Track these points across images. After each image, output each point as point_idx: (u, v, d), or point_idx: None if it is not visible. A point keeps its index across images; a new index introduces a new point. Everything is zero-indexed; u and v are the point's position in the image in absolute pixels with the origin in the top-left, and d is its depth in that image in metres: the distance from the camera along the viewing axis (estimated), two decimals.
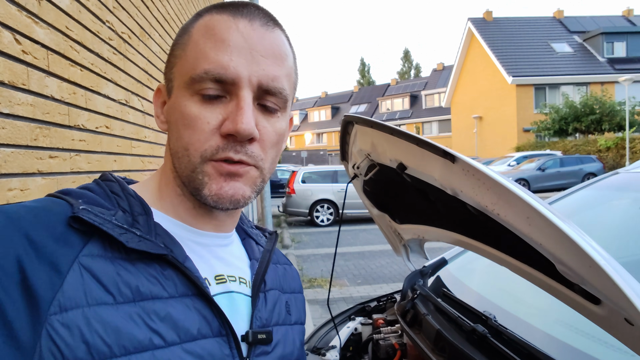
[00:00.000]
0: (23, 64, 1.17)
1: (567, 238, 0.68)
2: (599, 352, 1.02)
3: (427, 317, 1.35)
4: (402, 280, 6.00)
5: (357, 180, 1.53)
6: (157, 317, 0.51)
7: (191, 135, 0.56)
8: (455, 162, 0.88)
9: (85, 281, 0.48)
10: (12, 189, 1.10)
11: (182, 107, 0.56)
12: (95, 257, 0.50)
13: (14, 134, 1.11)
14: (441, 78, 46.03)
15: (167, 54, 2.74)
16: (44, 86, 1.28)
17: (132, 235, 0.53)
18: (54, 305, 0.45)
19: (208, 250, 0.62)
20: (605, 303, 0.73)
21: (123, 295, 0.50)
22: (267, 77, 0.56)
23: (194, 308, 0.54)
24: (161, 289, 0.53)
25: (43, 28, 1.29)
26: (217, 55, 0.55)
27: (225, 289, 0.61)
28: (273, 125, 0.59)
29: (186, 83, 0.56)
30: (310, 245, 8.79)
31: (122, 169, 1.93)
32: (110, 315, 0.48)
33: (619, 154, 18.99)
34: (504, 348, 1.05)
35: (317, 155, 27.09)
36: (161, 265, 0.54)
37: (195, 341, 0.53)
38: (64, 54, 1.42)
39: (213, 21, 0.57)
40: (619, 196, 1.89)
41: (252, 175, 0.58)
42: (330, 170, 11.99)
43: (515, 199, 0.77)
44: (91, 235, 0.51)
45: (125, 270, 0.51)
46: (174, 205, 0.61)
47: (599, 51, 26.52)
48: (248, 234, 0.73)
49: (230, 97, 0.56)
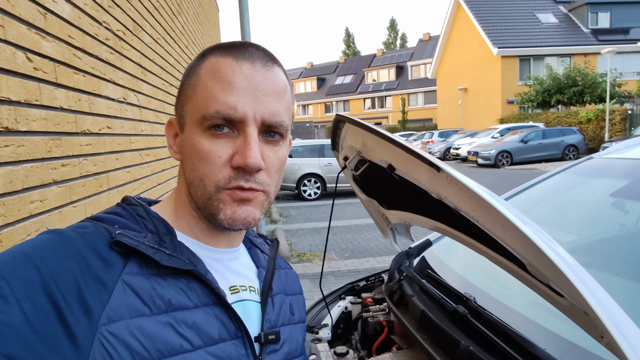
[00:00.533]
0: (35, 80, 1.23)
1: (535, 247, 0.78)
2: (567, 332, 1.10)
3: (413, 298, 1.44)
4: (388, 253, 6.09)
5: (347, 170, 1.60)
6: (186, 325, 0.59)
7: (205, 167, 0.62)
8: (439, 171, 0.96)
9: (127, 296, 0.56)
10: (34, 201, 1.17)
11: (196, 143, 0.63)
12: (134, 275, 0.57)
13: (32, 149, 1.18)
14: (427, 48, 45.44)
15: (158, 44, 2.74)
16: (53, 98, 1.34)
17: (162, 254, 0.60)
18: (103, 317, 0.52)
19: (222, 264, 0.70)
20: (567, 298, 0.85)
21: (157, 307, 0.57)
22: (269, 114, 0.63)
23: (214, 315, 0.62)
24: (187, 300, 0.60)
25: (49, 42, 1.34)
26: (226, 97, 0.61)
27: (238, 298, 0.69)
28: (276, 154, 0.67)
29: (198, 121, 0.63)
30: (298, 220, 8.83)
31: (123, 166, 1.99)
32: (148, 325, 0.55)
33: (599, 126, 19.19)
34: (482, 328, 1.13)
35: (303, 127, 26.83)
36: (187, 279, 0.62)
37: (217, 344, 0.61)
38: (68, 63, 1.47)
39: (219, 64, 0.63)
40: (591, 181, 1.96)
41: (260, 200, 0.66)
42: (317, 144, 11.95)
43: (492, 209, 0.86)
44: (129, 255, 0.58)
45: (158, 285, 0.59)
46: (190, 227, 0.69)
47: (583, 22, 26.44)
48: (253, 243, 0.82)
49: (238, 132, 0.63)
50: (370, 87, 47.31)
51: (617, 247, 1.66)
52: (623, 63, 23.86)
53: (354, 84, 49.20)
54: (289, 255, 5.90)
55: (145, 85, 2.52)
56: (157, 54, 2.87)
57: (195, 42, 5.02)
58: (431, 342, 1.27)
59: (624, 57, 24.28)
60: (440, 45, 33.05)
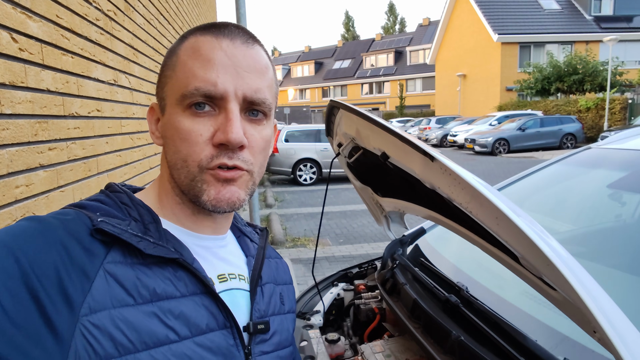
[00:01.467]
0: (21, 61, 1.19)
1: (528, 240, 0.76)
2: (559, 324, 1.10)
3: (405, 287, 1.43)
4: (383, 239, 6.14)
5: (341, 156, 1.58)
6: (172, 315, 0.57)
7: (187, 147, 0.61)
8: (433, 161, 0.94)
9: (110, 286, 0.54)
10: (19, 186, 1.14)
11: (177, 123, 0.62)
12: (117, 264, 0.56)
13: (17, 133, 1.15)
14: (427, 34, 45.04)
15: (152, 25, 2.69)
16: (40, 80, 1.30)
17: (147, 242, 0.59)
18: (84, 307, 0.51)
19: (210, 252, 0.69)
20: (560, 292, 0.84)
21: (142, 296, 0.56)
22: (250, 90, 0.62)
23: (202, 305, 0.61)
24: (174, 289, 0.59)
25: (36, 22, 1.29)
26: (205, 74, 0.60)
27: (227, 286, 0.68)
28: (260, 133, 0.65)
29: (178, 100, 0.61)
30: (293, 204, 8.85)
31: (114, 150, 1.96)
32: (132, 315, 0.54)
33: (598, 115, 19.15)
34: (473, 317, 1.12)
35: (300, 112, 26.69)
36: (173, 267, 0.60)
37: (205, 335, 0.60)
38: (55, 44, 1.43)
39: (198, 43, 0.62)
40: (588, 172, 1.95)
41: (245, 180, 0.64)
42: (313, 129, 11.92)
43: (486, 200, 0.84)
44: (112, 244, 0.57)
45: (143, 274, 0.57)
46: (174, 213, 0.67)
47: (586, 9, 26.20)
48: (242, 232, 0.80)
49: (219, 110, 0.61)
50: (368, 72, 47.00)
51: (613, 238, 1.66)
52: (625, 51, 23.70)
53: (351, 69, 48.85)
54: (284, 240, 5.91)
55: (137, 67, 2.47)
56: (150, 35, 2.81)
57: (190, 24, 4.93)
58: (422, 331, 1.27)
59: (627, 46, 24.13)
60: (439, 30, 32.75)
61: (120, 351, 0.52)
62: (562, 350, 1.04)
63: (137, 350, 0.53)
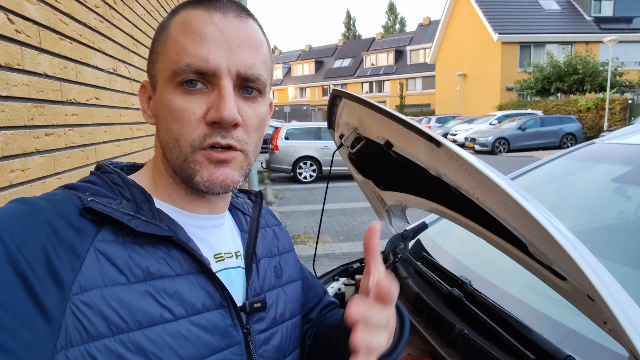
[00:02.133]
0: (17, 43, 1.17)
1: (538, 225, 0.74)
2: (565, 317, 1.10)
3: (407, 281, 1.42)
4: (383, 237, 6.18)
5: (343, 149, 1.56)
6: (166, 294, 0.56)
7: (179, 126, 0.59)
8: (439, 147, 0.92)
9: (101, 264, 0.53)
10: (14, 170, 1.12)
11: (168, 101, 0.59)
12: (108, 242, 0.55)
13: (12, 115, 1.12)
14: (427, 33, 45.04)
15: (152, 16, 2.66)
16: (37, 64, 1.27)
17: (138, 220, 0.57)
18: (75, 286, 0.50)
19: (205, 231, 0.67)
20: (570, 281, 0.81)
21: (135, 275, 0.55)
22: (244, 66, 0.60)
23: (198, 284, 0.60)
24: (169, 269, 0.58)
25: (33, 4, 1.27)
26: (197, 49, 0.58)
27: (223, 266, 0.67)
28: (254, 111, 0.63)
29: (169, 77, 0.59)
30: (293, 202, 8.87)
31: (112, 139, 1.94)
32: (124, 294, 0.53)
33: (598, 115, 19.22)
34: (477, 311, 1.11)
35: (300, 110, 26.71)
36: (167, 247, 0.59)
37: (201, 314, 0.59)
38: (54, 28, 1.40)
39: (189, 17, 0.60)
40: (593, 166, 1.94)
41: (239, 161, 0.62)
42: (313, 127, 11.92)
43: (494, 186, 0.82)
44: (102, 223, 0.56)
45: (135, 253, 0.56)
46: (168, 194, 0.65)
47: (586, 9, 26.23)
48: (234, 204, 0.78)
49: (212, 87, 0.59)
50: (368, 71, 47.00)
51: (618, 233, 1.64)
52: (625, 52, 23.75)
53: (352, 68, 48.83)
54: None
55: (137, 57, 2.44)
56: (150, 26, 2.78)
57: None
58: (425, 325, 1.26)
59: (626, 47, 24.18)
60: (440, 30, 32.75)
61: (113, 330, 0.51)
62: (568, 344, 1.02)
63: (131, 330, 0.52)
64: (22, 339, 0.45)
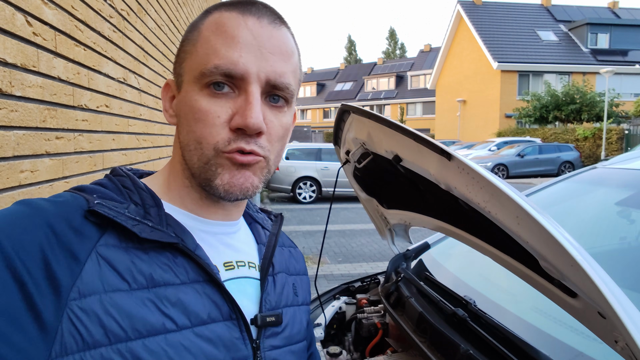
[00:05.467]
0: (34, 46, 1.18)
1: (552, 239, 0.73)
2: (572, 339, 1.09)
3: (410, 300, 1.40)
4: (381, 259, 6.11)
5: (348, 166, 1.55)
6: (169, 303, 0.54)
7: (202, 128, 0.58)
8: (451, 159, 0.92)
9: (102, 269, 0.51)
10: (24, 171, 1.12)
11: (193, 102, 0.58)
12: (110, 247, 0.53)
13: (25, 116, 1.13)
14: (428, 59, 45.78)
15: (162, 30, 2.71)
16: (51, 67, 1.28)
17: (144, 226, 0.55)
18: (73, 291, 0.48)
19: (217, 238, 0.65)
20: (582, 297, 0.80)
21: (137, 282, 0.53)
22: (274, 73, 0.59)
23: (204, 294, 0.57)
24: (173, 276, 0.56)
25: (51, 9, 1.29)
26: (227, 52, 0.57)
27: (234, 275, 0.64)
28: (280, 120, 0.62)
29: (196, 78, 0.58)
30: (293, 222, 8.82)
31: (120, 148, 1.94)
32: (125, 301, 0.51)
33: (595, 144, 19.42)
34: (482, 332, 1.09)
35: (301, 132, 26.83)
36: (172, 253, 0.57)
37: (206, 325, 0.56)
38: (69, 34, 1.42)
39: (223, 18, 0.59)
40: (595, 190, 1.95)
41: (260, 166, 0.61)
42: (314, 148, 11.96)
43: (507, 199, 0.81)
44: (106, 227, 0.54)
45: (139, 259, 0.54)
46: (181, 197, 0.64)
47: (583, 41, 26.77)
48: (254, 218, 0.76)
49: (239, 92, 0.58)
50: (369, 95, 47.53)
51: (622, 257, 1.64)
52: (621, 84, 24.18)
53: (353, 91, 49.40)
54: None
55: (147, 69, 2.47)
56: (160, 40, 2.82)
57: None
58: (429, 345, 1.23)
59: (622, 78, 24.60)
60: (440, 56, 33.29)
61: (111, 339, 0.49)
62: None
63: (130, 339, 0.50)
64: (15, 344, 0.43)
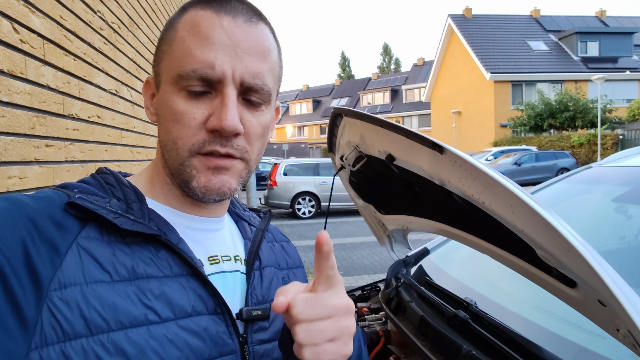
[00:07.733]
0: (21, 52, 1.18)
1: (547, 225, 0.72)
2: (575, 335, 1.07)
3: (411, 304, 1.39)
4: (382, 271, 6.10)
5: (343, 172, 1.54)
6: (152, 295, 0.54)
7: (179, 129, 0.58)
8: (443, 153, 0.91)
9: (83, 261, 0.51)
10: (12, 177, 1.11)
11: (170, 103, 0.58)
12: (92, 240, 0.53)
13: (13, 122, 1.12)
14: (421, 73, 46.31)
15: (154, 45, 2.72)
16: (40, 75, 1.28)
17: (125, 219, 0.55)
18: (54, 282, 0.48)
19: (201, 233, 0.65)
20: (581, 286, 0.78)
21: (119, 274, 0.53)
22: (249, 75, 0.58)
23: (188, 287, 0.57)
24: (156, 269, 0.56)
25: (39, 17, 1.29)
26: (203, 54, 0.56)
27: (219, 269, 0.64)
28: (258, 119, 0.61)
29: (173, 79, 0.58)
30: (292, 237, 8.79)
31: (113, 159, 1.93)
32: (107, 293, 0.51)
33: (591, 150, 19.54)
34: (484, 332, 1.08)
35: (299, 148, 26.99)
36: (155, 247, 0.57)
37: (190, 317, 0.56)
38: (58, 43, 1.42)
39: (198, 18, 0.58)
40: (592, 189, 1.96)
41: (238, 168, 0.61)
42: (312, 163, 12.00)
43: (500, 188, 0.81)
44: (88, 221, 0.54)
45: (121, 252, 0.54)
46: (164, 194, 0.64)
47: (573, 50, 27.16)
48: (240, 216, 0.76)
49: (216, 93, 0.58)
50: (365, 110, 47.67)
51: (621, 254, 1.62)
52: (613, 90, 24.44)
53: (349, 107, 49.66)
54: None
55: (139, 83, 2.48)
56: (152, 54, 2.84)
57: None
58: (431, 348, 1.22)
59: (613, 85, 24.89)
60: (434, 69, 33.68)
61: (92, 330, 0.49)
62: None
63: (111, 330, 0.50)
64: None
